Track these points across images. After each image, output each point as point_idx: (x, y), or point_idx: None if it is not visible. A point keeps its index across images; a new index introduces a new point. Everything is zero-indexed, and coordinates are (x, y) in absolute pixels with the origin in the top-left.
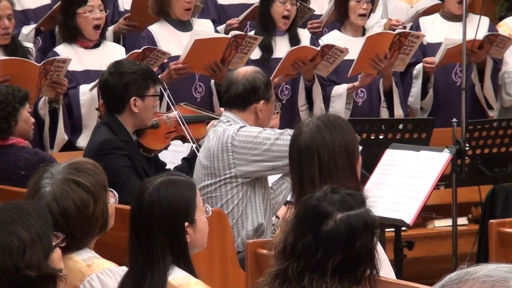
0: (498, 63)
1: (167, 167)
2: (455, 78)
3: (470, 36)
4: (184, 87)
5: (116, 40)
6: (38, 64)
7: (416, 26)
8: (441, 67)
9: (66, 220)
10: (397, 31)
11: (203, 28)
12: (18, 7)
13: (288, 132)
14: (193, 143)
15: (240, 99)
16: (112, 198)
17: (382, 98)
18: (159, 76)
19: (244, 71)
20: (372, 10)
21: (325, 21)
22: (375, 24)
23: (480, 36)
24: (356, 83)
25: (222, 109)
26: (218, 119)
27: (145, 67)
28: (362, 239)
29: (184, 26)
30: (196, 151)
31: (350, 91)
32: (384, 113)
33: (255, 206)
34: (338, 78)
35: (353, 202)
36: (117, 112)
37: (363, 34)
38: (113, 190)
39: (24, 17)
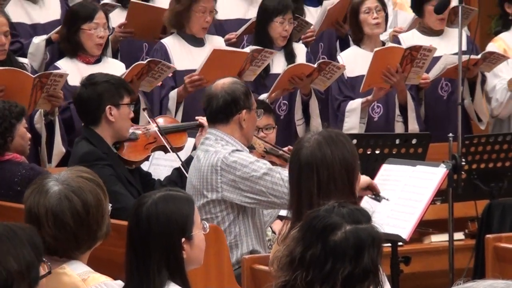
0: (484, 76)
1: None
2: (442, 92)
3: (449, 49)
4: (194, 101)
5: (115, 50)
6: (32, 76)
7: (397, 43)
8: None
9: (87, 212)
10: (407, 46)
11: (216, 44)
12: (27, 21)
13: (279, 171)
14: (173, 151)
15: (222, 112)
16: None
17: (397, 112)
18: (177, 90)
19: (222, 83)
20: (387, 20)
21: (318, 29)
22: (384, 33)
23: (463, 48)
24: (369, 97)
25: (200, 118)
26: (195, 127)
27: (117, 77)
28: (370, 253)
29: (197, 41)
30: (182, 168)
31: (364, 106)
32: (399, 128)
33: (249, 231)
34: (355, 94)
35: (361, 217)
36: (94, 124)
37: None
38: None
39: (33, 30)
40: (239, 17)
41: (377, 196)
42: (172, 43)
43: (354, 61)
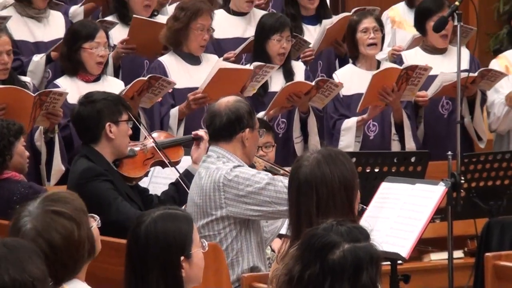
0: (484, 94)
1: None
2: (442, 110)
3: (452, 67)
4: (194, 120)
5: (117, 67)
6: (33, 94)
7: (400, 60)
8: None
9: (54, 252)
10: (404, 66)
11: (212, 62)
12: (30, 39)
13: (281, 179)
14: (171, 166)
15: (225, 130)
16: (94, 222)
17: (393, 131)
18: (179, 108)
19: (226, 101)
20: (383, 41)
21: (317, 48)
22: (380, 51)
23: (463, 67)
24: (365, 116)
25: (197, 132)
26: (191, 140)
27: (115, 94)
28: (368, 271)
29: (194, 59)
30: (181, 181)
31: (359, 124)
32: (395, 146)
33: (250, 247)
34: (350, 112)
35: (360, 235)
36: (93, 141)
37: (378, 67)
38: (94, 215)
39: (36, 49)
40: (237, 36)
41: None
42: (170, 61)
43: (350, 79)
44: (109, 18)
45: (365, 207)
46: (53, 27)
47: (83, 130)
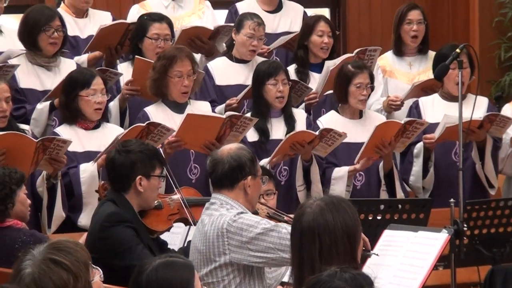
0: (497, 141)
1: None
2: (455, 157)
3: (468, 115)
4: (179, 168)
5: (123, 109)
6: (35, 140)
7: (416, 106)
8: (441, 146)
9: None
10: (404, 120)
11: (200, 108)
12: (38, 87)
13: (284, 226)
14: (195, 225)
15: (227, 178)
16: (97, 276)
17: (382, 181)
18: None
19: (228, 149)
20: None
21: (321, 91)
22: (375, 101)
23: (480, 115)
24: (357, 166)
25: None
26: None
27: (152, 148)
28: None
29: (180, 108)
30: None
31: (351, 174)
32: (384, 196)
33: None
34: (337, 160)
35: (363, 282)
36: (123, 190)
37: (360, 116)
38: (98, 268)
39: (43, 97)
40: (239, 82)
41: (366, 252)
42: (155, 111)
43: (334, 127)
44: (124, 64)
45: (376, 253)
46: (64, 75)
47: (114, 178)
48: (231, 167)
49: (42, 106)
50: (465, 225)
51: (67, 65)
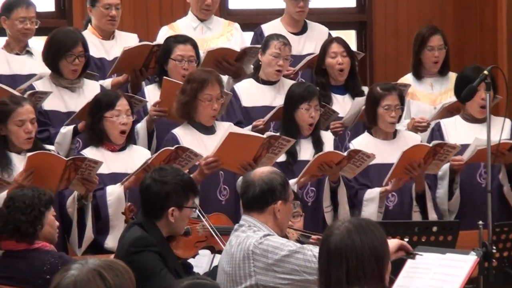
0: None
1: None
2: (480, 179)
3: (495, 138)
4: (209, 189)
5: (151, 131)
6: (65, 158)
7: (438, 128)
8: (466, 168)
9: None
10: (433, 143)
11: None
12: (63, 109)
13: (310, 248)
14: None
15: (258, 201)
16: None
17: (414, 202)
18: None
19: (260, 172)
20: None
21: (350, 124)
22: (399, 124)
23: (504, 137)
24: (388, 187)
25: None
26: None
27: (187, 179)
28: None
29: (207, 129)
30: None
31: (382, 195)
32: (416, 217)
33: None
34: (370, 181)
35: None
36: (154, 218)
37: (394, 136)
38: None
39: (67, 118)
40: (266, 104)
41: (410, 254)
42: (183, 133)
43: (367, 150)
44: (151, 86)
45: (420, 254)
46: (88, 96)
47: (147, 205)
48: (262, 191)
49: (66, 130)
50: (493, 248)
51: (90, 87)
